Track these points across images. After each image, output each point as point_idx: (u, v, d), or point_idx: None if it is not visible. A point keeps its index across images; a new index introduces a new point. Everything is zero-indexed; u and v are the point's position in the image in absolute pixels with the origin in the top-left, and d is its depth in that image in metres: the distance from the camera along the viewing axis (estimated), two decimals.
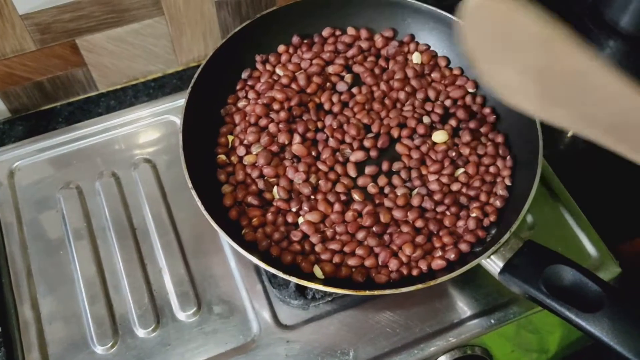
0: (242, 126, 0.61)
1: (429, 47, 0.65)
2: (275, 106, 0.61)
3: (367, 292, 0.49)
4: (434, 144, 0.60)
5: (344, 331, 0.55)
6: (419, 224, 0.55)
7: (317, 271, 0.53)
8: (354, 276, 0.52)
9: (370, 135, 0.60)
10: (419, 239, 0.54)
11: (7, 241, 0.59)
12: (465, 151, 0.59)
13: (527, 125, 0.56)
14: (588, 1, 0.84)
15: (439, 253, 0.53)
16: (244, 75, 0.65)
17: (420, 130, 0.60)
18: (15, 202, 0.62)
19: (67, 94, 0.74)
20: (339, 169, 0.58)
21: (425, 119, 0.61)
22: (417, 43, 0.66)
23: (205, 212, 0.51)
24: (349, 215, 0.55)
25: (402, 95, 0.62)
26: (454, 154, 0.58)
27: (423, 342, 0.54)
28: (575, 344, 0.64)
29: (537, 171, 0.53)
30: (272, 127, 0.60)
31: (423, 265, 0.53)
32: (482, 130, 0.60)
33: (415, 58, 0.65)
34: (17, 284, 0.57)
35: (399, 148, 0.60)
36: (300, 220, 0.55)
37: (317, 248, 0.54)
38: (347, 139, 0.60)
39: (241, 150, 0.59)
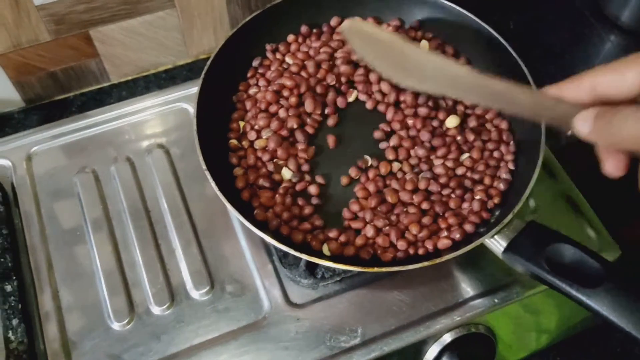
0: (253, 112, 0.63)
1: (435, 35, 0.67)
2: (285, 93, 0.62)
3: (376, 269, 0.51)
4: (447, 129, 0.61)
5: (352, 310, 0.56)
6: (425, 205, 0.56)
7: (325, 249, 0.54)
8: (360, 254, 0.54)
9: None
10: (425, 219, 0.55)
11: (26, 224, 0.61)
12: (470, 136, 0.60)
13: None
14: None
15: (445, 233, 0.55)
16: (255, 63, 0.66)
17: (441, 115, 0.62)
18: (33, 187, 0.63)
19: (80, 85, 0.75)
20: None
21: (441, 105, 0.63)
22: (424, 31, 0.67)
23: (218, 192, 0.53)
24: (359, 193, 0.57)
25: None
26: (459, 137, 0.60)
27: (429, 320, 0.56)
28: (576, 327, 0.66)
29: (539, 156, 0.55)
30: (281, 113, 0.61)
31: (429, 245, 0.55)
32: (487, 116, 0.62)
33: (423, 46, 0.66)
34: (37, 264, 0.58)
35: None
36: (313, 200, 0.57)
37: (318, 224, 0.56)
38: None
39: (252, 135, 0.61)
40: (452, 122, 0.61)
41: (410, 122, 0.61)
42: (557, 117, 0.40)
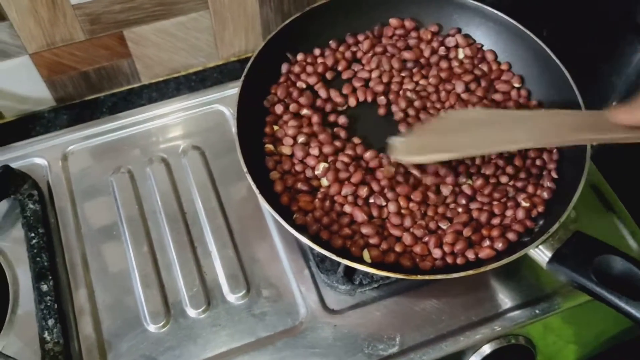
0: (285, 118, 0.62)
1: (474, 41, 0.67)
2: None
3: (419, 277, 0.50)
4: None
5: (390, 317, 0.55)
6: (467, 215, 0.56)
7: (366, 256, 0.54)
8: (401, 261, 0.53)
9: None
10: (467, 229, 0.55)
11: (62, 223, 0.61)
12: None
13: None
14: (621, 5, 0.85)
15: (487, 242, 0.54)
16: (284, 69, 0.66)
17: None
18: (69, 186, 0.63)
19: (111, 85, 0.75)
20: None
21: None
22: (463, 36, 0.67)
23: (260, 197, 0.52)
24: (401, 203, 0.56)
25: (459, 88, 0.64)
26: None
27: (468, 330, 0.55)
28: (615, 338, 0.65)
29: (585, 164, 0.54)
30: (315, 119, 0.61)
31: (470, 255, 0.54)
32: None
33: (461, 53, 0.66)
34: (72, 264, 0.58)
35: None
36: (347, 208, 0.56)
37: (366, 232, 0.55)
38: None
39: (287, 141, 0.61)
40: None
41: None
42: None
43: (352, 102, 0.64)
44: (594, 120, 0.44)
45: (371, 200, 0.57)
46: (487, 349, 0.55)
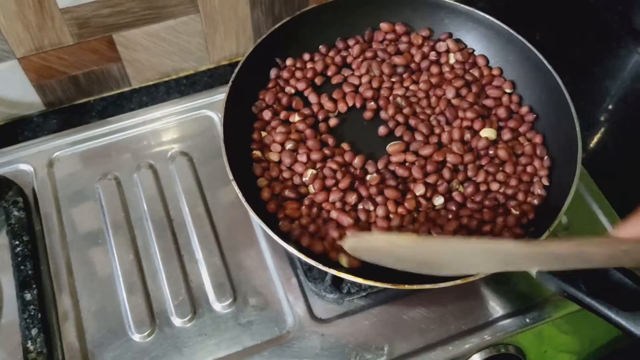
0: (274, 124, 0.62)
1: (466, 46, 0.66)
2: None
3: (407, 286, 0.49)
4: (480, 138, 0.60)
5: (378, 326, 0.55)
6: (457, 223, 0.55)
7: (342, 259, 0.53)
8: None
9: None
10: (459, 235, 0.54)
11: (47, 231, 0.60)
12: (502, 151, 0.59)
13: (566, 126, 0.57)
14: (617, 8, 0.85)
15: None
16: (272, 74, 0.65)
17: (477, 125, 0.61)
18: (54, 192, 0.62)
19: (101, 89, 0.75)
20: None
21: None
22: (454, 41, 0.66)
23: (245, 204, 0.52)
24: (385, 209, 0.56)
25: (450, 94, 0.63)
26: (491, 152, 0.59)
27: (457, 339, 0.54)
28: (606, 347, 0.64)
29: (576, 171, 0.54)
30: (300, 126, 0.61)
31: None
32: (521, 129, 0.61)
33: (452, 58, 0.65)
34: (57, 272, 0.57)
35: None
36: (334, 214, 0.56)
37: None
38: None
39: (275, 147, 0.60)
40: (487, 133, 0.60)
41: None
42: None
43: (342, 107, 0.64)
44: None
45: (360, 207, 0.56)
46: (476, 358, 0.54)
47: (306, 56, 0.66)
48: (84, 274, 0.57)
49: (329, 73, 0.66)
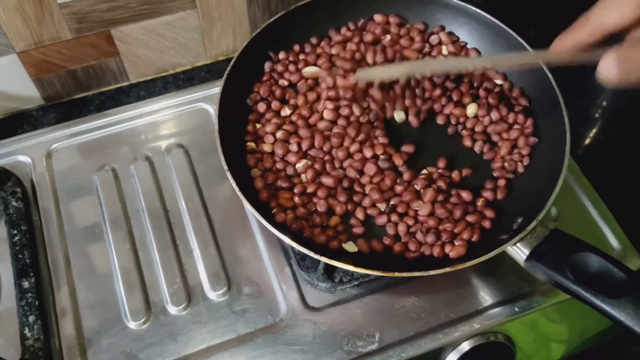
0: (268, 116, 0.63)
1: (458, 38, 0.67)
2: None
3: (397, 274, 0.50)
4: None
5: (370, 314, 0.56)
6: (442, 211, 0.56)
7: (350, 246, 0.54)
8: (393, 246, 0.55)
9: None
10: (447, 224, 0.55)
11: (45, 220, 0.61)
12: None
13: (555, 119, 0.58)
14: None
15: (466, 235, 0.55)
16: (267, 67, 0.66)
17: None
18: (52, 183, 0.63)
19: (100, 84, 0.75)
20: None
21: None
22: (447, 34, 0.67)
23: (239, 192, 0.53)
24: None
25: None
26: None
27: (447, 327, 0.55)
28: (596, 338, 0.65)
29: (563, 163, 0.55)
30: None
31: (449, 250, 0.54)
32: (510, 115, 0.62)
33: (444, 50, 0.66)
34: (54, 261, 0.58)
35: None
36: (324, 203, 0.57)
37: (351, 223, 0.56)
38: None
39: (268, 138, 0.61)
40: (471, 110, 0.63)
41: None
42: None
43: None
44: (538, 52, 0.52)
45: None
46: (466, 346, 0.55)
47: (296, 47, 0.67)
48: (81, 263, 0.58)
49: (321, 64, 0.66)
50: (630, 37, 0.43)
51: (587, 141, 0.72)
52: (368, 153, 0.59)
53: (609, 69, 0.40)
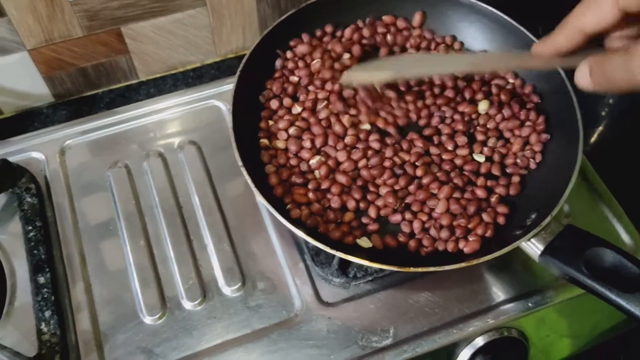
0: (280, 113, 0.63)
1: (455, 38, 0.68)
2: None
3: (412, 269, 0.50)
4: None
5: (384, 310, 0.56)
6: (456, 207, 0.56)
7: (365, 242, 0.54)
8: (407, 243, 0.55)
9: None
10: (460, 218, 0.55)
11: (59, 216, 0.61)
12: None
13: (568, 116, 0.58)
14: None
15: (479, 231, 0.55)
16: (278, 64, 0.66)
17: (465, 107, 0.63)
18: (66, 180, 0.63)
19: (110, 81, 0.76)
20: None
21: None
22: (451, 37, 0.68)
23: (254, 188, 0.53)
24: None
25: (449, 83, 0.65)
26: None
27: (461, 323, 0.55)
28: (609, 332, 0.65)
29: (577, 159, 0.55)
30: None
31: (464, 246, 0.54)
32: (522, 112, 0.63)
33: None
34: (69, 257, 0.59)
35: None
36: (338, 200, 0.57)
37: (365, 221, 0.56)
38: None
39: (281, 135, 0.61)
40: (482, 106, 0.63)
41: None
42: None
43: None
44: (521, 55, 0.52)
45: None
46: (480, 341, 0.55)
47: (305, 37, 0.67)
48: (96, 259, 0.59)
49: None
50: (609, 42, 0.42)
51: (597, 137, 0.73)
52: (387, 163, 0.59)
53: (583, 78, 0.39)
